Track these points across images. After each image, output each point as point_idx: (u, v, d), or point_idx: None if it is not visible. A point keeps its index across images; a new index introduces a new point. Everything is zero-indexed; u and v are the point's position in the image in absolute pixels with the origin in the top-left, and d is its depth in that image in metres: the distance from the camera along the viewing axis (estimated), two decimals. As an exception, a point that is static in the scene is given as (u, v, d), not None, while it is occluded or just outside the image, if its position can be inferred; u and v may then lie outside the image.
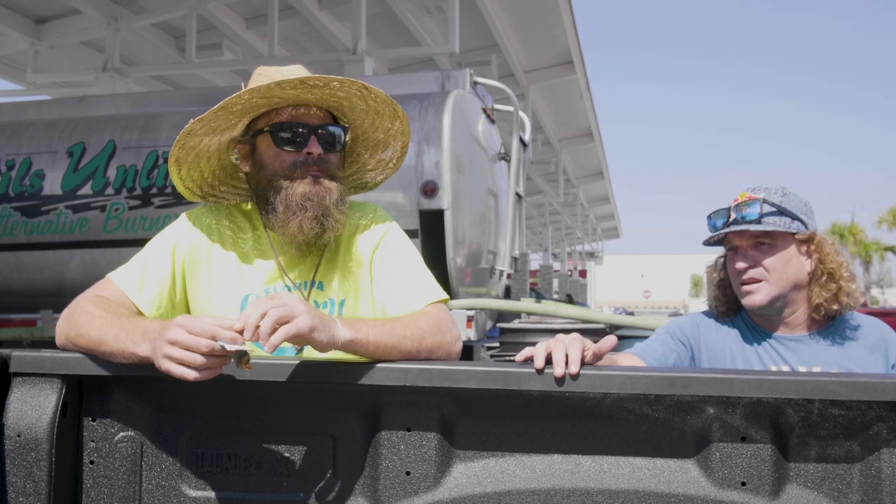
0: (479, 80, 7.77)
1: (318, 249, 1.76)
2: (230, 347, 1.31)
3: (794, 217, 1.99)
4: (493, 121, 8.23)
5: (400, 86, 7.12)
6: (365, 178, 1.94)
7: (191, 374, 1.32)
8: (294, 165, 1.70)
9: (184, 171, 1.77)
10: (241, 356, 1.33)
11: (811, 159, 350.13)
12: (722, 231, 2.02)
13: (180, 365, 1.32)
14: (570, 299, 22.85)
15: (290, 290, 1.74)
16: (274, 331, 1.32)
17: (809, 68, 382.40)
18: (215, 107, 1.64)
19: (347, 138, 1.80)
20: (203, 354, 1.31)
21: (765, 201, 1.99)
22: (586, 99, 19.83)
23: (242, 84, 1.75)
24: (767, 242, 1.99)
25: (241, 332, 1.33)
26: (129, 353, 1.41)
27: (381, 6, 11.86)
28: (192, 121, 1.65)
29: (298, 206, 1.66)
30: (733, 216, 2.01)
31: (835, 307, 1.97)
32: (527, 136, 8.49)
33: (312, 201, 1.67)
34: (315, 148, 1.70)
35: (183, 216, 1.81)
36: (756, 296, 1.98)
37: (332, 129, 1.74)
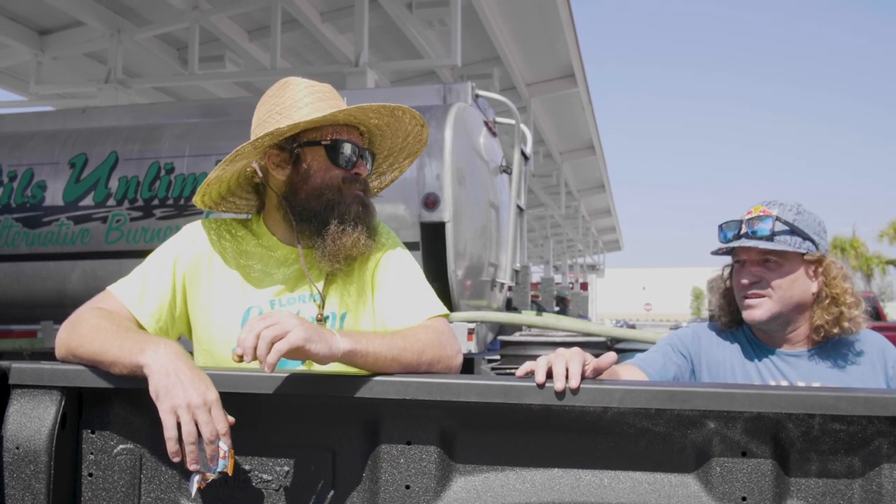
0: (481, 92, 7.78)
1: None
2: (211, 472, 1.33)
3: (805, 237, 1.98)
4: (494, 133, 8.23)
5: (402, 98, 7.12)
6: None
7: (172, 440, 1.32)
8: (343, 182, 1.74)
9: (213, 187, 1.79)
10: (208, 478, 1.35)
11: (812, 172, 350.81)
12: (731, 244, 2.02)
13: (174, 427, 1.32)
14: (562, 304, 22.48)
15: (293, 302, 1.74)
16: (269, 351, 1.33)
17: (811, 81, 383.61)
18: (290, 124, 1.67)
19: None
20: (189, 440, 1.32)
21: (778, 218, 1.97)
22: (587, 112, 19.88)
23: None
24: (775, 260, 1.98)
25: (241, 358, 1.34)
26: (132, 364, 1.41)
27: (383, 19, 11.91)
28: (265, 133, 1.67)
29: (352, 223, 1.71)
30: (744, 229, 2.00)
31: (835, 330, 1.96)
32: (528, 149, 8.50)
33: (362, 219, 1.73)
34: (363, 169, 1.78)
35: (185, 228, 1.81)
36: (757, 311, 1.97)
37: (371, 153, 1.83)
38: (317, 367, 1.46)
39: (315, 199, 1.73)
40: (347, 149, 1.75)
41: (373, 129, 1.83)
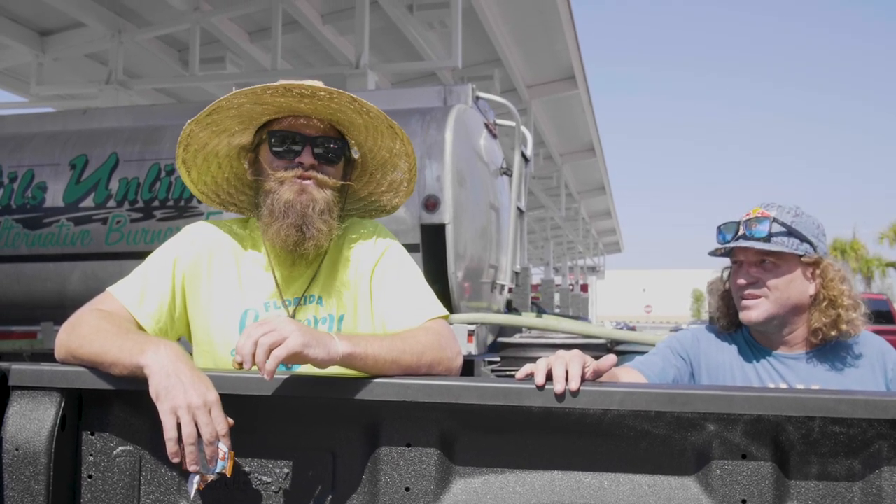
0: (482, 94, 7.79)
1: (315, 263, 1.76)
2: (210, 473, 1.34)
3: (803, 238, 1.98)
4: (495, 135, 8.24)
5: (402, 100, 7.14)
6: (381, 201, 1.93)
7: (172, 440, 1.32)
8: (285, 171, 1.70)
9: (193, 172, 1.80)
10: (207, 479, 1.35)
11: (812, 174, 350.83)
12: (728, 245, 2.02)
13: (174, 428, 1.32)
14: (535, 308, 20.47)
15: (289, 304, 1.73)
16: (268, 358, 1.33)
17: (811, 82, 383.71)
18: (207, 108, 1.67)
19: (353, 154, 1.80)
20: (189, 441, 1.31)
21: (775, 220, 1.98)
22: (588, 114, 19.90)
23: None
24: (772, 261, 1.98)
25: (241, 365, 1.34)
26: (132, 365, 1.41)
27: (384, 20, 11.92)
28: (188, 122, 1.69)
29: (281, 212, 1.67)
30: (742, 231, 2.01)
31: (833, 333, 1.96)
32: (528, 151, 8.51)
33: (295, 209, 1.67)
34: (307, 158, 1.71)
35: (184, 230, 1.81)
36: (753, 312, 1.98)
37: (328, 140, 1.74)
38: (313, 370, 1.46)
39: (264, 194, 1.73)
40: (282, 136, 1.72)
41: (340, 121, 1.76)
